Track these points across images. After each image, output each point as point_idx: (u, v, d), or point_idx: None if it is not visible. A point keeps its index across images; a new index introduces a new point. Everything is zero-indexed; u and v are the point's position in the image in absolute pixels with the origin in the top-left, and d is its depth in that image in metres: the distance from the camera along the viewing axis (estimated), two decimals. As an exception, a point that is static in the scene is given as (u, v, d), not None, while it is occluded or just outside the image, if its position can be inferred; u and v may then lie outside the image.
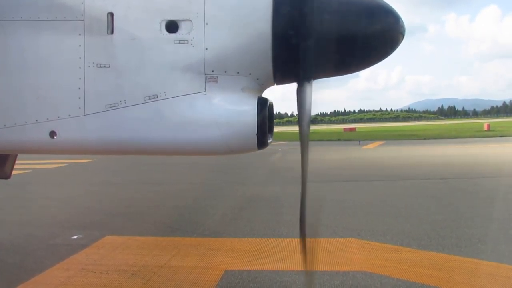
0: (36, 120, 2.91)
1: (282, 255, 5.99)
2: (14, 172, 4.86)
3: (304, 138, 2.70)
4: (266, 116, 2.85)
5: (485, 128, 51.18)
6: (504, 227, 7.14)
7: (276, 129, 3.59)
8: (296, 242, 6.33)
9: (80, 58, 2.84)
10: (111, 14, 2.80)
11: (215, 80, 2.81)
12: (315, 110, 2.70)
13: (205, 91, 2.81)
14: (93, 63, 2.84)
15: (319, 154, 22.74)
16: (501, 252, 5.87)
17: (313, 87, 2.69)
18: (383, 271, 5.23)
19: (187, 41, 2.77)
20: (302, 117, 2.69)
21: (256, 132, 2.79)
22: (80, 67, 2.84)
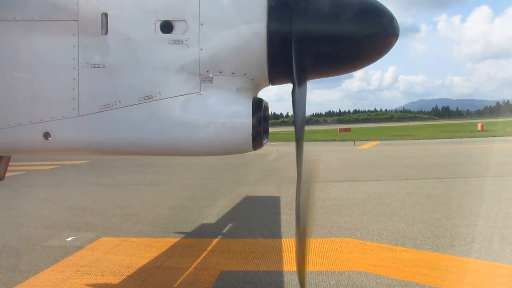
0: (30, 121, 2.89)
1: (278, 255, 5.99)
2: (7, 174, 4.82)
3: (299, 138, 2.70)
4: (261, 116, 2.85)
5: (479, 128, 51.57)
6: (498, 226, 7.20)
7: (271, 129, 3.59)
8: (291, 242, 6.34)
9: (74, 58, 2.82)
10: (105, 15, 2.78)
11: (210, 80, 2.80)
12: (309, 110, 2.71)
13: (200, 92, 2.81)
14: (88, 63, 2.82)
15: (314, 155, 22.76)
16: (495, 251, 5.92)
17: (308, 87, 2.70)
18: (378, 271, 5.25)
19: (182, 41, 2.76)
20: (297, 118, 2.70)
21: (251, 132, 2.78)
22: (74, 68, 2.83)
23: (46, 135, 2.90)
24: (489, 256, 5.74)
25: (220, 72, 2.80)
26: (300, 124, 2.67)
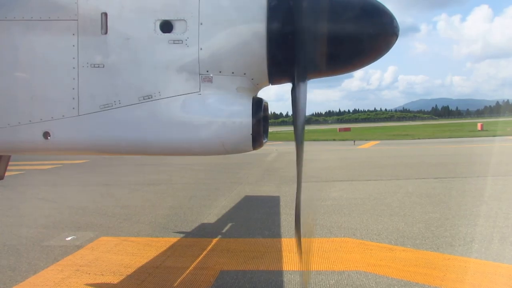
0: (30, 121, 2.89)
1: (277, 255, 6.00)
2: (7, 173, 4.82)
3: (298, 138, 2.70)
4: (261, 116, 2.85)
5: (479, 127, 51.63)
6: (497, 226, 7.20)
7: (271, 129, 3.59)
8: (291, 242, 6.35)
9: (74, 58, 2.82)
10: (105, 14, 2.78)
11: (209, 80, 2.80)
12: (310, 110, 2.71)
13: (199, 91, 2.80)
14: (87, 63, 2.82)
15: (314, 154, 22.79)
16: (494, 251, 5.93)
17: (307, 87, 2.70)
18: (378, 271, 5.26)
19: (182, 41, 2.76)
20: (297, 117, 2.70)
21: (251, 132, 2.78)
22: (74, 67, 2.82)
23: (46, 134, 2.90)
24: (489, 256, 5.75)
25: (220, 72, 2.80)
26: (300, 124, 2.67)
